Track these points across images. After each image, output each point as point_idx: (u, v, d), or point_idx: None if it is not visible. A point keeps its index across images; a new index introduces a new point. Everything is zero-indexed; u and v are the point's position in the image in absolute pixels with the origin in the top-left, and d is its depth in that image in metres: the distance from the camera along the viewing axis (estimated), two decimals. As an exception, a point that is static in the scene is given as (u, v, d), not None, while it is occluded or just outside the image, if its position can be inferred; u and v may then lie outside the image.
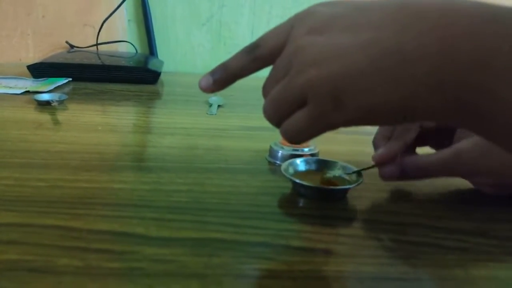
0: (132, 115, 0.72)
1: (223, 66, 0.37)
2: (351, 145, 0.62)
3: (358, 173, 0.44)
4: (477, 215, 0.41)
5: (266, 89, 0.34)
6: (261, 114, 0.34)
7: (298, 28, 0.31)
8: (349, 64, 0.27)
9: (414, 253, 0.34)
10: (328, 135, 0.32)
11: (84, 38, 1.11)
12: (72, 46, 1.11)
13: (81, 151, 0.52)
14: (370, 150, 0.59)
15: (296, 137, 0.32)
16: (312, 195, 0.43)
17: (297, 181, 0.42)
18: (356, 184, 0.42)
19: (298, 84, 0.29)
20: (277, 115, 0.33)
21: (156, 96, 0.88)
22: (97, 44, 1.08)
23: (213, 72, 0.37)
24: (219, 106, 0.80)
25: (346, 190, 0.43)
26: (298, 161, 0.47)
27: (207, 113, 0.75)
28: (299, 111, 0.30)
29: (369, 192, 0.45)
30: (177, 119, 0.70)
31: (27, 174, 0.44)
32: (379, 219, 0.39)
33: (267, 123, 0.34)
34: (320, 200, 0.42)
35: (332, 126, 0.30)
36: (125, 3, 1.08)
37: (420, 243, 0.35)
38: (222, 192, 0.43)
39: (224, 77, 0.37)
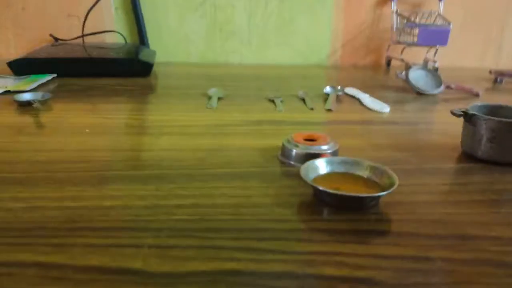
0: (123, 113, 0.65)
1: None
2: (368, 138, 0.55)
3: (391, 175, 0.38)
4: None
5: None
6: (264, 106, 0.27)
7: None
8: None
9: (474, 276, 0.28)
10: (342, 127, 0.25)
11: (68, 30, 1.03)
12: (56, 39, 1.03)
13: (67, 160, 0.45)
14: (388, 141, 0.53)
15: None
16: (339, 204, 0.36)
17: (321, 188, 0.35)
18: (390, 190, 0.35)
19: None
20: None
21: (149, 90, 0.81)
22: (83, 36, 1.00)
23: None
24: (219, 98, 0.73)
25: (378, 198, 0.37)
26: (319, 162, 0.41)
27: (206, 107, 0.68)
28: None
29: (403, 196, 0.38)
30: (174, 115, 0.63)
31: (3, 192, 0.37)
32: (422, 231, 0.33)
33: (271, 116, 0.27)
34: (348, 209, 0.36)
35: None
36: (110, -11, 1.00)
37: (479, 260, 0.29)
38: (232, 204, 0.36)
39: None
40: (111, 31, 1.04)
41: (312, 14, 1.13)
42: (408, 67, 1.05)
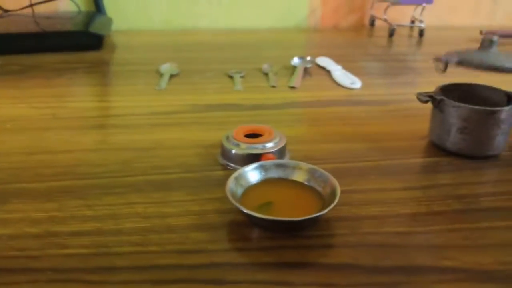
0: (57, 100, 0.58)
1: None
2: (326, 125, 0.49)
3: (333, 183, 0.32)
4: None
5: None
6: (221, 85, 0.21)
7: None
8: None
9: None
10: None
11: (17, -2, 0.93)
12: (4, 10, 0.94)
13: (-30, 169, 0.39)
14: (348, 129, 0.46)
15: None
16: (270, 227, 0.31)
17: (246, 211, 0.29)
18: (330, 207, 0.29)
19: None
20: None
21: (97, 67, 0.73)
22: (32, 5, 0.91)
23: None
24: (172, 75, 0.66)
25: (316, 218, 0.31)
26: (250, 169, 0.34)
27: (155, 88, 0.61)
28: None
29: (350, 207, 0.33)
30: (115, 101, 0.57)
31: None
32: (360, 261, 0.28)
33: (225, 98, 0.21)
34: (280, 231, 0.30)
35: None
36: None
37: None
38: (141, 229, 0.30)
39: None
40: (63, -2, 0.94)
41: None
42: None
